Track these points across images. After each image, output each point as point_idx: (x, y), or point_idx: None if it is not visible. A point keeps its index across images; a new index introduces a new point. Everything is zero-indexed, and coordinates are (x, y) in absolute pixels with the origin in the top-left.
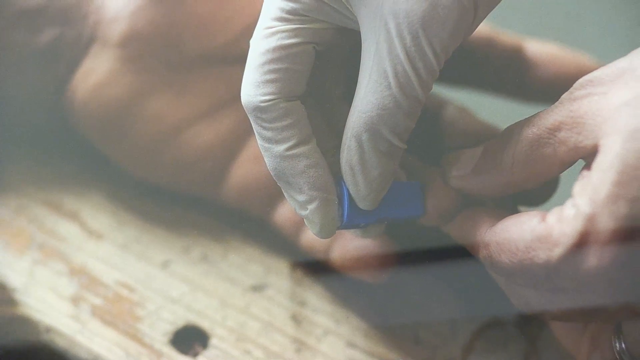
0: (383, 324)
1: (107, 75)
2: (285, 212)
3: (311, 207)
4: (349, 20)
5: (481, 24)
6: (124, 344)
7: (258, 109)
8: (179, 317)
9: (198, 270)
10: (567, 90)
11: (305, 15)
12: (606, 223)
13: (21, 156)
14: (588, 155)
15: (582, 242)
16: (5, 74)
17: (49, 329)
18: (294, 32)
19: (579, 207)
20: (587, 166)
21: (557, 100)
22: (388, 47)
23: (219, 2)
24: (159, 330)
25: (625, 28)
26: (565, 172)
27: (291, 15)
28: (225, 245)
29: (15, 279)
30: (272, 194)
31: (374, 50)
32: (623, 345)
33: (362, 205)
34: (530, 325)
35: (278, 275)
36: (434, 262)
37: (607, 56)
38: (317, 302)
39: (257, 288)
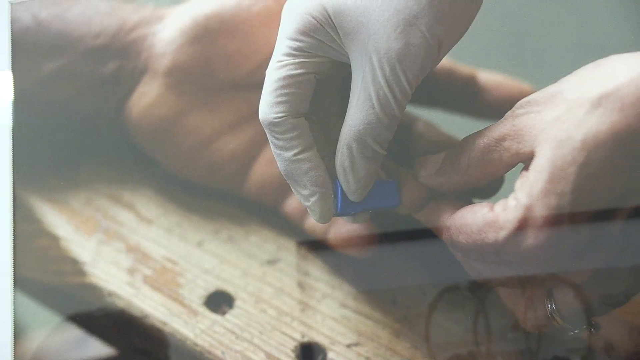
0: (368, 289)
1: (155, 98)
2: (292, 203)
3: (313, 199)
4: (342, 56)
5: (444, 59)
6: (168, 305)
7: (272, 124)
8: (211, 284)
9: (225, 248)
10: (510, 109)
11: (308, 52)
12: (540, 211)
13: (90, 160)
14: (526, 159)
15: (522, 226)
16: (79, 96)
17: (110, 294)
18: (299, 65)
19: (519, 199)
20: (526, 168)
21: (502, 117)
22: (372, 76)
23: (242, 42)
24: (195, 294)
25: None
26: (508, 172)
27: (297, 52)
28: (246, 228)
29: (85, 255)
30: (283, 189)
31: (361, 78)
32: (553, 306)
33: (352, 198)
34: (481, 289)
35: (287, 252)
36: (407, 241)
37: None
38: (317, 272)
39: (271, 262)
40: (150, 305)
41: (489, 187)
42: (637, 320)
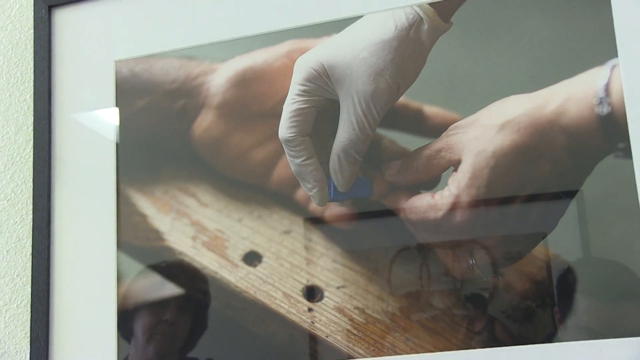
0: (351, 248)
1: (210, 124)
2: (301, 193)
3: (314, 190)
4: (334, 96)
5: (401, 97)
6: (218, 260)
7: (287, 140)
8: (247, 247)
9: (256, 223)
10: (444, 131)
11: (311, 93)
12: (465, 198)
13: (168, 164)
14: (456, 164)
15: (453, 208)
16: (160, 122)
17: (180, 253)
18: (305, 101)
19: (451, 190)
20: (455, 170)
21: (439, 136)
22: (353, 109)
23: (268, 86)
24: (236, 253)
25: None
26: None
27: (304, 93)
28: (270, 209)
29: (163, 227)
30: (294, 184)
31: (346, 110)
32: (473, 261)
33: (340, 189)
34: (425, 249)
35: (297, 225)
36: (376, 218)
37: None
38: (317, 239)
39: (287, 232)
40: (206, 261)
41: (431, 182)
42: (526, 269)
